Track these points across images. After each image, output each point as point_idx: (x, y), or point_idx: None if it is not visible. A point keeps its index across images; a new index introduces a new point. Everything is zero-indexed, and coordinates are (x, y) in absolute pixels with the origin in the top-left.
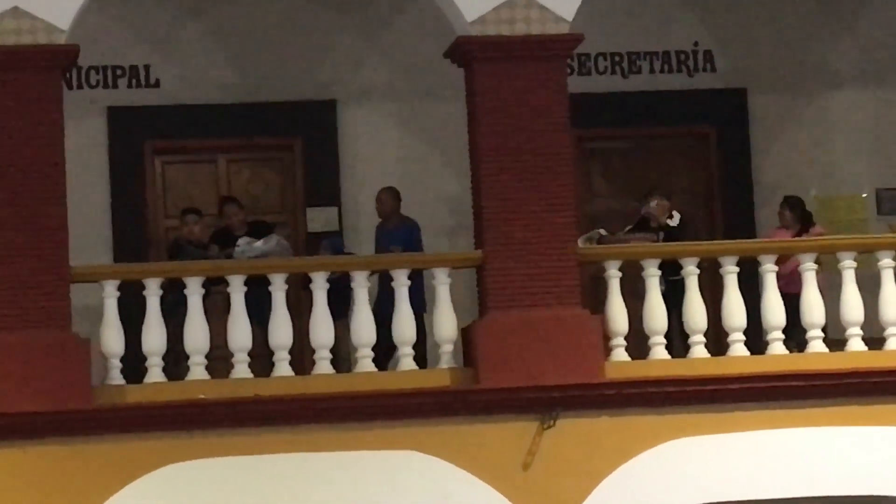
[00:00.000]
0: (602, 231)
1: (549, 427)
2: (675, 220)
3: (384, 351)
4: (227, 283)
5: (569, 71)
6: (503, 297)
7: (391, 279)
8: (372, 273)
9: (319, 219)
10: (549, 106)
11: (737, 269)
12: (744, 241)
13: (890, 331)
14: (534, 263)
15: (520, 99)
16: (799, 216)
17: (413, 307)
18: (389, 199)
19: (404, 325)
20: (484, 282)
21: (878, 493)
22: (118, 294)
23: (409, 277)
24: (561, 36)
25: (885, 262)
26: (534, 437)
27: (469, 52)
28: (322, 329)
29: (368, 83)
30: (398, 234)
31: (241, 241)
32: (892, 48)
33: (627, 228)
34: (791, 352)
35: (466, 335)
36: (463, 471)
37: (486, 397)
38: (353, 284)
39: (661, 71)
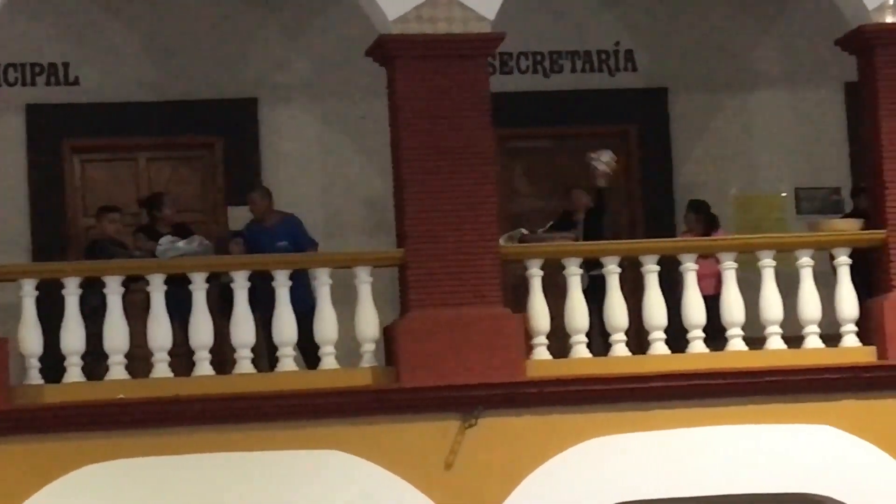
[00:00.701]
0: (523, 230)
1: (471, 426)
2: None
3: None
4: (147, 282)
5: (490, 70)
6: (425, 295)
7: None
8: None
9: (241, 217)
10: (470, 105)
11: (657, 268)
12: (664, 239)
13: (808, 329)
14: (455, 262)
15: (441, 98)
16: (704, 219)
17: (301, 306)
18: (260, 199)
19: (325, 324)
20: (405, 280)
21: (798, 490)
22: (36, 293)
23: (291, 277)
24: (482, 35)
25: (804, 261)
26: (456, 436)
27: (390, 50)
28: (243, 328)
29: (290, 82)
30: (280, 230)
31: (164, 240)
32: (813, 48)
33: (548, 226)
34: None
35: (388, 334)
36: (384, 470)
37: (408, 396)
38: (273, 283)
39: (583, 70)
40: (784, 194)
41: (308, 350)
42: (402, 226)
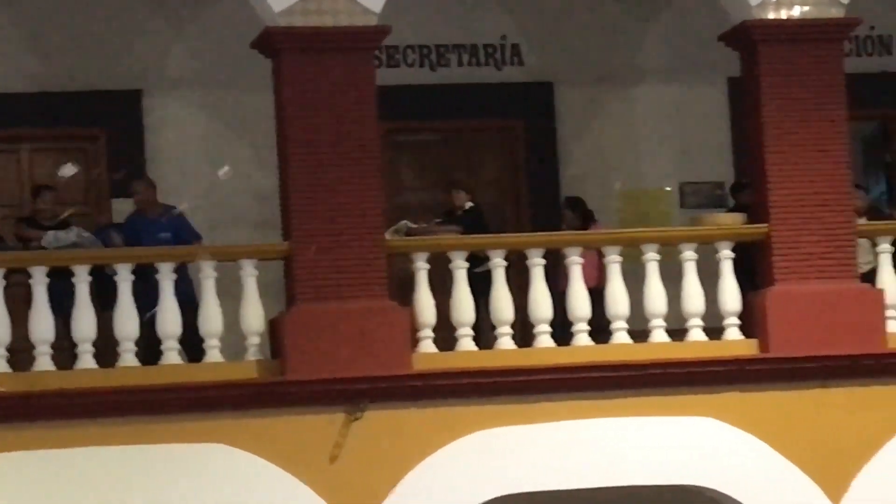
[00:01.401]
0: (409, 223)
1: (357, 419)
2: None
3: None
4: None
5: (377, 63)
6: (311, 288)
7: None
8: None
9: (125, 210)
10: (357, 98)
11: (543, 262)
12: (550, 233)
13: (692, 322)
14: (342, 255)
15: (327, 91)
16: (580, 215)
17: (184, 299)
18: (144, 191)
19: (210, 317)
20: (291, 273)
21: (681, 482)
22: None
23: (176, 270)
24: (369, 28)
25: (688, 254)
26: (341, 429)
27: (276, 43)
28: (126, 320)
29: (175, 73)
30: (163, 222)
31: (50, 233)
32: (697, 43)
33: (436, 221)
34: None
35: (274, 327)
36: (270, 463)
37: (293, 389)
38: (157, 276)
39: (469, 64)
40: (668, 189)
41: (192, 343)
42: (287, 219)
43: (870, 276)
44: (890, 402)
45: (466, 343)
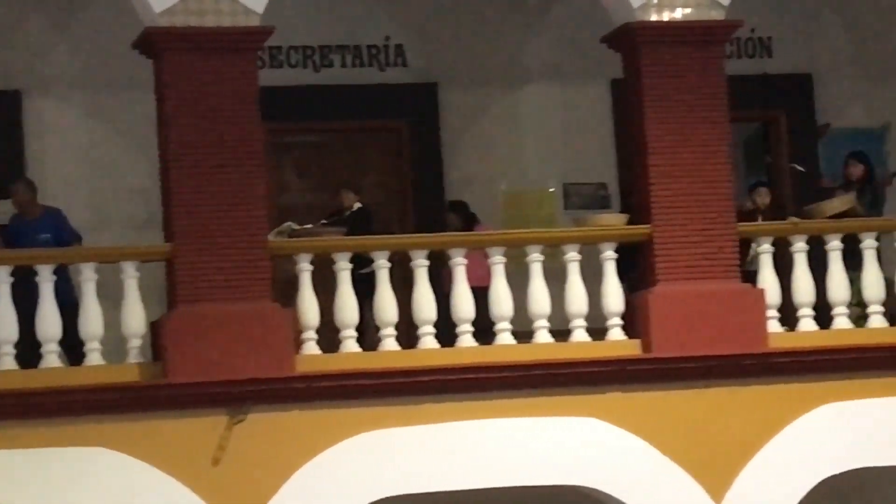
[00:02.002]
0: (293, 224)
1: (240, 421)
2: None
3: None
4: None
5: (260, 64)
6: (193, 290)
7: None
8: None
9: (6, 211)
10: (239, 99)
11: (427, 263)
12: (434, 234)
13: (575, 323)
14: (224, 257)
15: (210, 91)
16: (463, 218)
17: (64, 301)
18: (23, 192)
19: (90, 320)
20: (173, 275)
21: (565, 482)
22: None
23: (55, 272)
24: (251, 28)
25: (571, 255)
26: (224, 432)
27: (157, 43)
28: (5, 323)
29: (56, 73)
30: (43, 224)
31: None
32: (579, 44)
33: (321, 222)
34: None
35: (156, 330)
36: (151, 467)
37: (175, 392)
38: (37, 279)
39: (353, 65)
40: (552, 190)
41: (72, 346)
42: (169, 220)
43: None
44: (771, 402)
45: (350, 345)
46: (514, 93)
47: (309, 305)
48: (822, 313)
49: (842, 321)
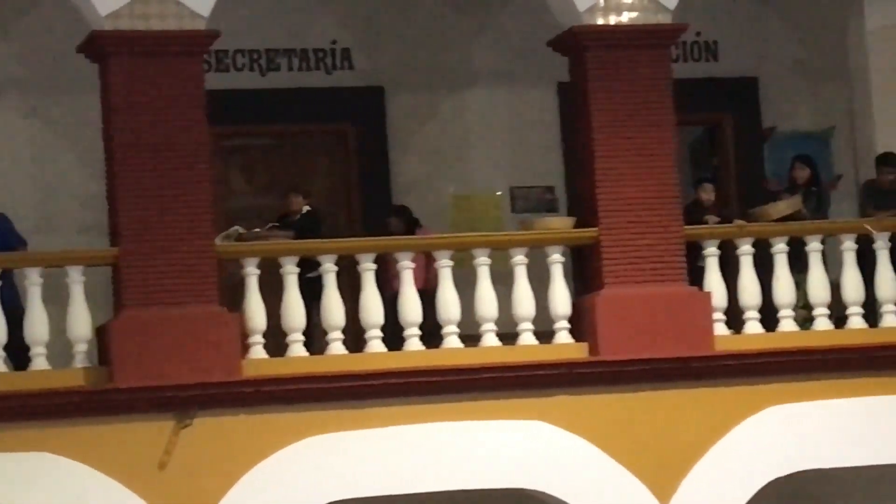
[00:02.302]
0: (240, 228)
1: (186, 426)
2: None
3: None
4: None
5: (206, 67)
6: (139, 294)
7: None
8: None
9: None
10: (185, 102)
11: (374, 267)
12: (380, 238)
13: (522, 326)
14: (171, 261)
15: (156, 95)
16: (405, 222)
17: (9, 306)
18: None
19: (36, 325)
20: (119, 279)
21: (513, 486)
22: None
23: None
24: (197, 32)
25: (518, 258)
26: (170, 437)
27: (103, 47)
28: None
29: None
30: None
31: None
32: (526, 48)
33: (269, 226)
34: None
35: (101, 334)
36: (98, 472)
37: (121, 396)
38: None
39: (300, 69)
40: (499, 193)
41: (18, 351)
42: (115, 224)
43: None
44: (718, 404)
45: (297, 349)
46: (461, 96)
47: (256, 310)
48: (768, 316)
49: (787, 324)
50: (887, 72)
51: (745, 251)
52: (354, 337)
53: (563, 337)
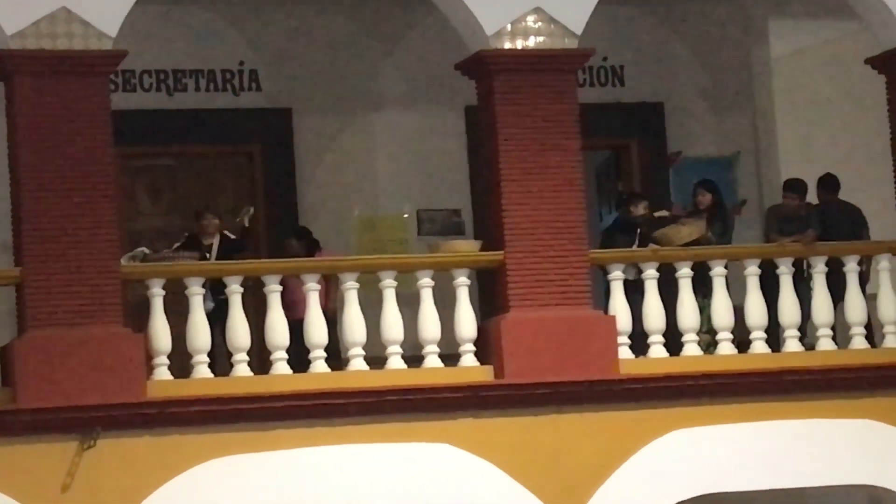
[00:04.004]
0: (146, 249)
1: (90, 447)
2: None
3: None
4: None
5: (112, 87)
6: (43, 315)
7: None
8: None
9: None
10: (91, 122)
11: (280, 288)
12: (286, 259)
13: (428, 349)
14: (75, 282)
15: (62, 115)
16: (306, 244)
17: None
18: None
19: None
20: (23, 300)
21: None
22: None
23: None
24: (103, 52)
25: (424, 281)
26: (73, 458)
27: (8, 66)
28: None
29: None
30: None
31: None
32: (434, 71)
33: (175, 246)
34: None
35: (5, 354)
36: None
37: (24, 418)
38: None
39: (207, 89)
40: (406, 215)
41: None
42: (19, 244)
43: None
44: (622, 427)
45: (202, 370)
46: (368, 118)
47: (160, 331)
48: (674, 340)
49: (691, 348)
50: (791, 98)
51: (651, 275)
52: (260, 359)
53: (468, 360)
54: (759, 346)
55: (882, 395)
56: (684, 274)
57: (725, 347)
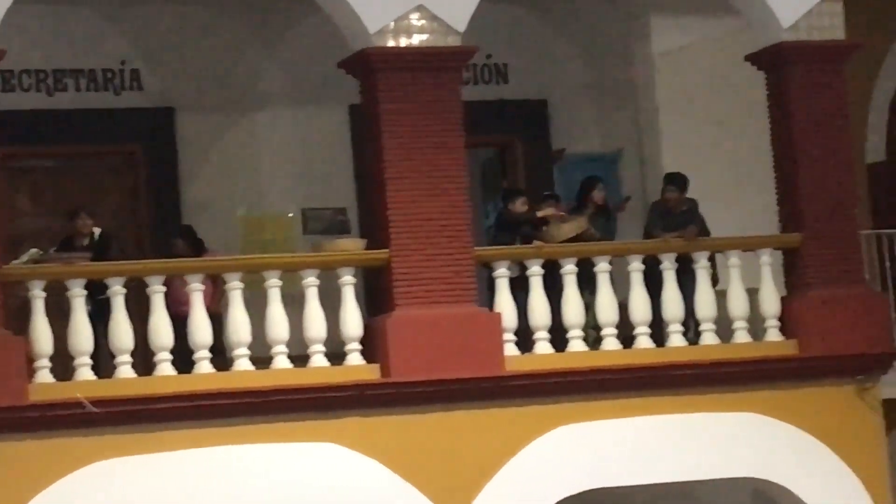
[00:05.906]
0: (39, 251)
1: None
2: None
3: None
4: None
5: None
6: None
7: None
8: None
9: None
10: None
11: (164, 289)
12: (169, 260)
13: (314, 348)
14: None
15: None
16: (191, 244)
17: None
18: None
19: None
20: None
21: None
22: None
23: None
24: None
25: (309, 280)
26: None
27: None
28: None
29: None
30: None
31: None
32: (317, 70)
33: (51, 250)
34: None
35: None
36: None
37: None
38: None
39: (88, 89)
40: (291, 214)
41: None
42: None
43: None
44: (509, 424)
45: (85, 372)
46: (251, 117)
47: (42, 333)
48: (558, 336)
49: (577, 344)
50: (673, 94)
51: (535, 272)
52: (144, 360)
53: (354, 359)
54: (643, 341)
55: (765, 389)
56: (569, 270)
57: (610, 343)
